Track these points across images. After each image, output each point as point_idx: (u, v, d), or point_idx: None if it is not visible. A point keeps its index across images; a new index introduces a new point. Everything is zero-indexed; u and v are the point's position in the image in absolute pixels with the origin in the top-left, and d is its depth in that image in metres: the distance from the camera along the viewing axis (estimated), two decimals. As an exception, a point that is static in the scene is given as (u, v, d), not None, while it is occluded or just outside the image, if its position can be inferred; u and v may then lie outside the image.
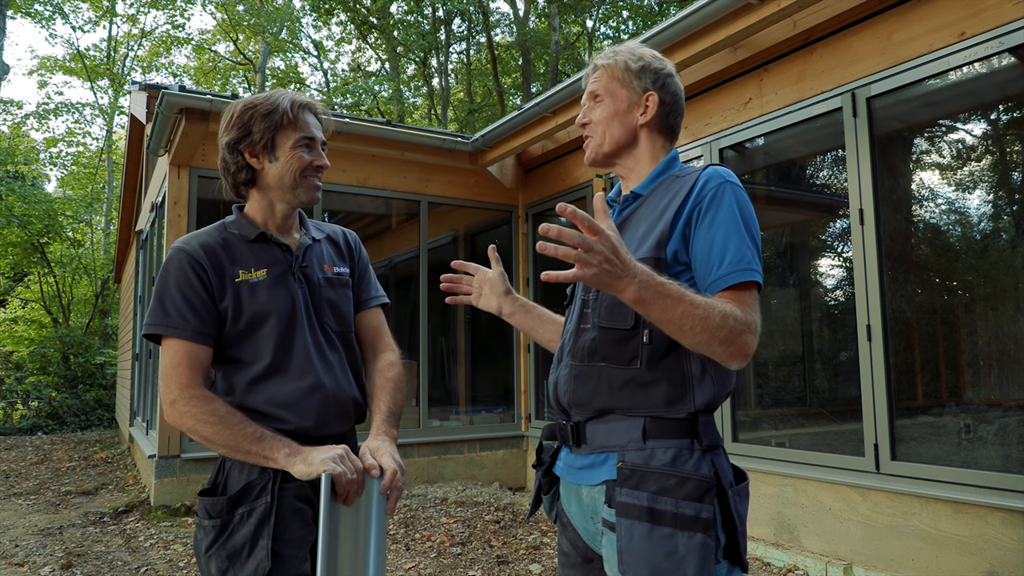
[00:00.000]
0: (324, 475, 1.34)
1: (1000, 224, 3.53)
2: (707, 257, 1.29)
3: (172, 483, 5.17)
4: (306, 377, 1.53)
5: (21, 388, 13.04)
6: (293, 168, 1.58)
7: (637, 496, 1.27)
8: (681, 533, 1.23)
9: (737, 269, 1.27)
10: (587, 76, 1.56)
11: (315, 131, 1.62)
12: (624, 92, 1.50)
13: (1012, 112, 3.47)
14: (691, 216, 1.33)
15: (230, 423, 1.41)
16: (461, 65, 24.15)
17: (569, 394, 1.41)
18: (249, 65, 24.08)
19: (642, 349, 1.33)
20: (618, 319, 1.36)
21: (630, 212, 1.46)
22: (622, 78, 1.50)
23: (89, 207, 17.58)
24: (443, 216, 6.90)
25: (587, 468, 1.40)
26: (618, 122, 1.49)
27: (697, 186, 1.35)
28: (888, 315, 3.59)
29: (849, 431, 3.80)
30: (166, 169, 5.61)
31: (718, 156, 4.58)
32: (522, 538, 4.48)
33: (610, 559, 1.31)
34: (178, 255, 1.53)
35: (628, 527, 1.26)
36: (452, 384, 6.95)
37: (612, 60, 1.51)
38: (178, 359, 1.46)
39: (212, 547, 1.45)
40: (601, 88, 1.51)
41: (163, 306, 1.49)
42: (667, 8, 18.25)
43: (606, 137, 1.50)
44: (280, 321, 1.54)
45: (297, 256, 1.62)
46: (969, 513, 3.15)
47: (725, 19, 3.81)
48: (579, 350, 1.41)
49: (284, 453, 1.40)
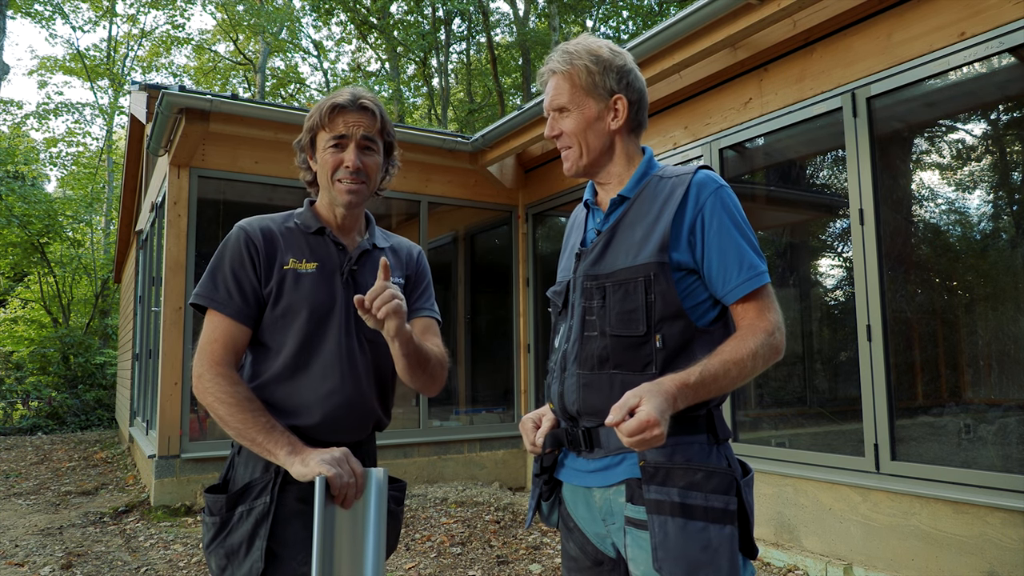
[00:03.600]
0: (318, 478, 1.33)
1: (1000, 224, 3.53)
2: (720, 268, 1.35)
3: (172, 483, 5.16)
4: (327, 380, 1.53)
5: (21, 388, 13.04)
6: (325, 170, 1.59)
7: (667, 492, 1.28)
8: (713, 526, 1.26)
9: (748, 278, 1.34)
10: (545, 83, 1.50)
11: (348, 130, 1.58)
12: (590, 101, 1.45)
13: (1012, 112, 3.47)
14: (694, 225, 1.36)
15: (245, 408, 1.44)
16: (461, 65, 24.15)
17: (579, 403, 1.40)
18: (249, 65, 24.08)
19: (656, 354, 1.35)
20: (629, 326, 1.36)
21: (620, 216, 1.45)
22: (585, 85, 1.44)
23: (89, 207, 17.58)
24: (443, 216, 6.90)
25: (601, 471, 1.39)
26: (592, 132, 1.46)
27: (692, 193, 1.37)
28: (888, 315, 3.59)
29: (849, 431, 3.80)
30: (166, 169, 5.61)
31: (718, 156, 4.58)
32: (522, 538, 4.48)
33: (637, 557, 1.30)
34: (238, 233, 1.57)
35: (662, 523, 1.26)
36: (452, 384, 6.95)
37: (569, 65, 1.45)
38: (216, 335, 1.50)
39: (212, 543, 1.46)
40: (565, 100, 1.46)
41: (214, 280, 1.54)
42: (667, 8, 18.24)
43: (583, 148, 1.47)
44: (314, 316, 1.54)
45: (351, 257, 1.62)
46: (969, 513, 3.15)
47: (725, 19, 3.81)
48: (587, 358, 1.40)
49: (285, 451, 1.41)
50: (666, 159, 4.98)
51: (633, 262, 1.37)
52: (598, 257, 1.44)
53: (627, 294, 1.36)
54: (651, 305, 1.35)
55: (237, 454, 1.54)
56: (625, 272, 1.38)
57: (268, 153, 5.61)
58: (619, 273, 1.38)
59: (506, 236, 7.00)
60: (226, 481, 1.53)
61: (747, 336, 1.31)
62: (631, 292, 1.36)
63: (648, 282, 1.35)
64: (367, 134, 1.59)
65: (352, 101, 1.58)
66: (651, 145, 5.13)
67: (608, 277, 1.40)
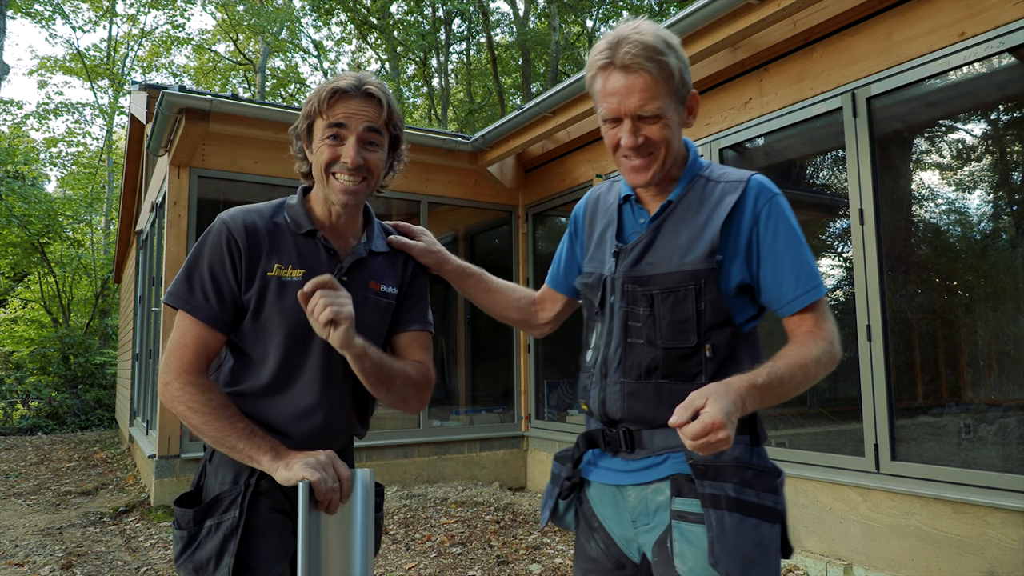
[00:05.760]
0: (301, 484, 1.29)
1: (1000, 224, 3.53)
2: (775, 279, 1.33)
3: (172, 483, 5.17)
4: (305, 398, 1.45)
5: (21, 388, 13.04)
6: (319, 162, 1.42)
7: (722, 487, 1.26)
8: (764, 524, 1.26)
9: (807, 290, 1.32)
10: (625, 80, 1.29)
11: (348, 119, 1.40)
12: (676, 103, 1.33)
13: (1012, 112, 3.47)
14: (752, 236, 1.33)
15: (220, 415, 1.36)
16: (461, 65, 24.15)
17: (623, 411, 1.37)
18: (249, 65, 24.08)
19: (706, 364, 1.32)
20: (680, 338, 1.33)
21: (664, 217, 1.39)
22: (675, 87, 1.31)
23: (89, 207, 17.58)
24: (443, 216, 6.90)
25: (641, 470, 1.37)
26: (676, 137, 1.36)
27: (748, 201, 1.34)
28: (888, 315, 3.59)
29: (849, 431, 3.80)
30: (166, 169, 5.61)
31: (718, 156, 4.58)
32: (522, 538, 4.48)
33: (685, 552, 1.27)
34: (219, 229, 1.42)
35: (719, 517, 1.24)
36: (452, 384, 6.95)
37: (657, 64, 1.27)
38: (187, 340, 1.40)
39: (181, 557, 1.41)
40: (657, 108, 1.29)
41: (189, 280, 1.41)
42: (667, 8, 18.25)
43: (667, 156, 1.35)
44: (297, 331, 1.42)
45: (342, 266, 1.48)
46: (969, 513, 3.15)
47: (725, 19, 3.81)
48: (633, 367, 1.36)
49: (268, 457, 1.35)
50: (666, 159, 4.97)
51: (679, 267, 1.32)
52: (639, 257, 1.37)
53: (677, 302, 1.32)
54: (701, 314, 1.31)
55: (208, 461, 1.48)
56: (672, 277, 1.33)
57: (268, 153, 5.62)
58: (665, 278, 1.33)
59: (506, 236, 7.00)
60: (199, 488, 1.47)
61: (810, 343, 1.30)
62: (681, 300, 1.32)
63: (699, 290, 1.31)
64: (371, 125, 1.42)
65: (356, 87, 1.40)
66: (651, 145, 5.13)
67: (654, 282, 1.34)
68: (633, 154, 1.33)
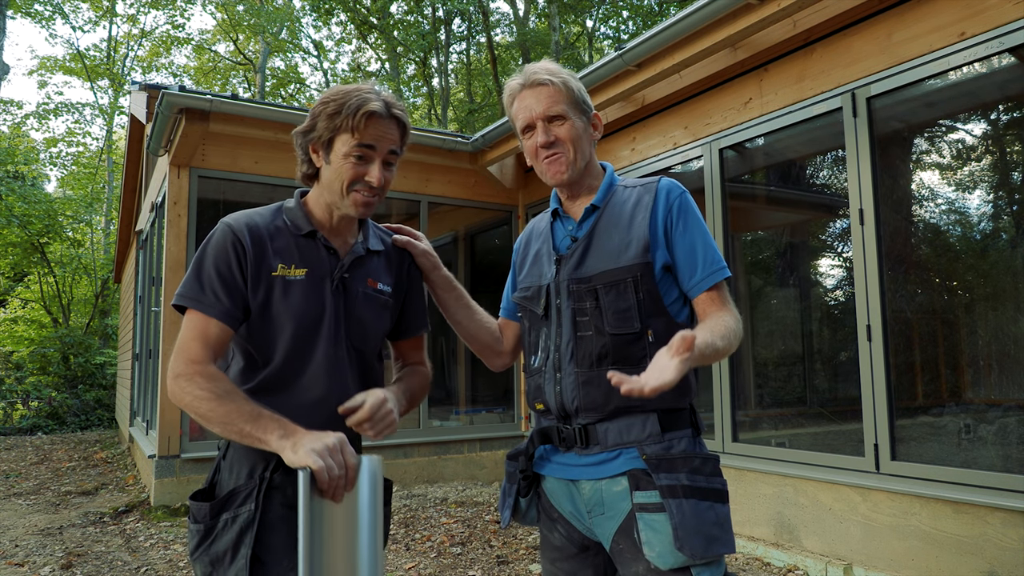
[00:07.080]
0: (302, 472, 1.25)
1: (1000, 224, 3.53)
2: (687, 262, 1.51)
3: (172, 483, 5.17)
4: (312, 392, 1.48)
5: (21, 388, 13.04)
6: (342, 177, 1.48)
7: (676, 477, 1.40)
8: (717, 504, 1.41)
9: (712, 272, 1.50)
10: (533, 93, 1.57)
11: (378, 141, 1.48)
12: (579, 113, 1.58)
13: (1012, 112, 3.48)
14: (667, 226, 1.52)
15: (226, 400, 1.36)
16: (461, 65, 24.15)
17: (579, 400, 1.49)
18: (249, 65, 24.09)
19: (649, 348, 1.46)
20: (625, 324, 1.47)
21: (595, 223, 1.57)
22: (576, 99, 1.58)
23: (89, 207, 17.58)
24: (443, 216, 6.90)
25: (595, 465, 1.48)
26: (582, 141, 1.58)
27: (661, 198, 1.54)
28: (888, 315, 3.59)
29: (849, 431, 3.81)
30: (166, 169, 5.61)
31: (718, 156, 4.58)
32: (522, 538, 4.48)
33: (651, 540, 1.39)
34: (224, 231, 1.48)
35: (678, 505, 1.37)
36: (452, 384, 6.96)
37: (559, 79, 1.57)
38: (195, 334, 1.42)
39: (197, 551, 1.43)
40: (561, 109, 1.55)
41: (199, 280, 1.45)
42: (667, 8, 18.24)
43: (577, 155, 1.56)
44: (303, 327, 1.48)
45: (343, 264, 1.54)
46: (969, 513, 3.15)
47: (725, 19, 3.82)
48: (585, 356, 1.49)
49: (276, 435, 1.33)
50: (666, 159, 4.98)
51: (617, 264, 1.49)
52: (579, 261, 1.54)
53: (619, 294, 1.48)
54: (641, 303, 1.48)
55: (223, 458, 1.50)
56: (613, 274, 1.49)
57: (268, 153, 5.62)
58: (607, 275, 1.50)
59: (506, 236, 7.00)
60: (212, 485, 1.49)
61: (719, 317, 1.45)
62: (623, 292, 1.48)
63: (636, 282, 1.48)
64: (394, 148, 1.51)
65: (386, 110, 1.48)
66: (651, 145, 5.13)
67: (596, 280, 1.50)
68: (546, 152, 1.56)
